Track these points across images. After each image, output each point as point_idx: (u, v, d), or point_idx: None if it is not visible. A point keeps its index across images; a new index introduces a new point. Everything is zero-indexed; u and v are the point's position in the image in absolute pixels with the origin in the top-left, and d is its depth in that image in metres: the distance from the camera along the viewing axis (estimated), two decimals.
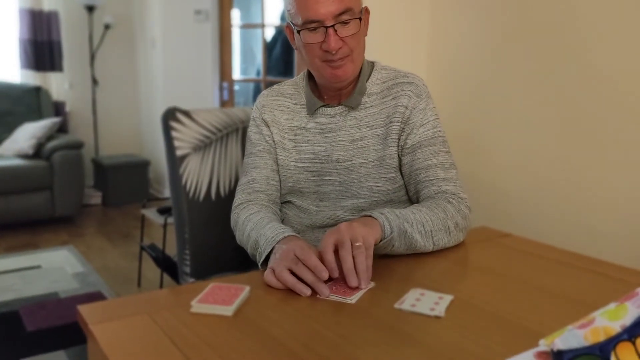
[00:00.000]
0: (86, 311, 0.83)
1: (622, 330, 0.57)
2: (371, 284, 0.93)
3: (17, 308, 2.51)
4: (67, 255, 3.29)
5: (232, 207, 1.26)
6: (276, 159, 1.29)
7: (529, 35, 2.36)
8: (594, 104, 2.14)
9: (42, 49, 4.42)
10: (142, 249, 2.78)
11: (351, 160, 1.22)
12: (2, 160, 3.76)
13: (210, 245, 1.52)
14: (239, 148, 1.57)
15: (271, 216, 1.16)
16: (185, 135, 1.48)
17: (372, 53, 1.50)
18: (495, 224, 2.26)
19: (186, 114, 1.49)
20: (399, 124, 1.20)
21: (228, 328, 0.78)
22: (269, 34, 4.58)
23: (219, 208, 1.52)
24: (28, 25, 4.34)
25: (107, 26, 4.67)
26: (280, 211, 1.31)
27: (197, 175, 1.49)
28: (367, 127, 1.22)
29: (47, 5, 4.40)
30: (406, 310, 0.84)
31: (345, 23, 1.11)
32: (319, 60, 1.15)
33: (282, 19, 4.41)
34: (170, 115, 1.47)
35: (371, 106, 1.23)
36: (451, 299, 0.87)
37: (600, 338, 0.57)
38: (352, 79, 1.20)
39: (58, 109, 4.51)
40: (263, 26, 4.14)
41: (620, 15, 2.03)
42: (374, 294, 0.90)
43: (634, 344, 0.56)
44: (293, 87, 1.32)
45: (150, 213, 2.90)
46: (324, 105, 1.25)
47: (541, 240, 1.22)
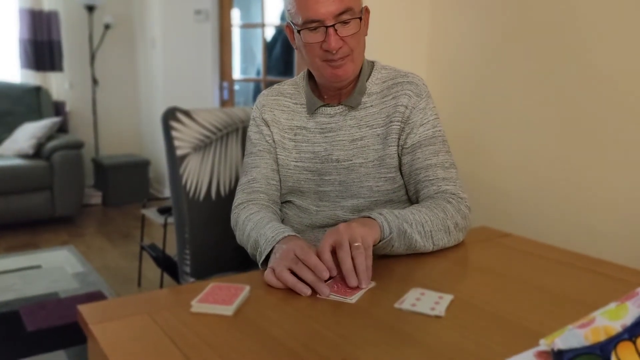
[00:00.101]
0: (86, 311, 0.83)
1: (623, 330, 0.57)
2: (371, 283, 0.93)
3: (17, 308, 2.51)
4: (67, 255, 3.29)
5: (232, 207, 1.26)
6: (276, 158, 1.28)
7: (529, 35, 2.36)
8: (594, 104, 2.14)
9: (42, 48, 4.42)
10: (142, 248, 2.78)
11: (351, 160, 1.22)
12: (2, 160, 3.76)
13: (210, 245, 1.52)
14: (239, 148, 1.57)
15: (271, 216, 1.16)
16: (185, 135, 1.48)
17: (372, 53, 1.50)
18: (495, 223, 2.26)
19: (186, 113, 1.50)
20: (399, 124, 1.20)
21: (228, 328, 0.78)
22: (269, 33, 4.58)
23: (219, 208, 1.52)
24: (28, 25, 4.34)
25: (107, 26, 4.67)
26: (281, 211, 1.31)
27: (197, 175, 1.49)
28: (367, 127, 1.22)
29: (47, 5, 4.40)
30: (406, 310, 0.84)
31: (345, 23, 1.11)
32: (319, 59, 1.15)
33: (282, 18, 4.41)
34: (170, 115, 1.47)
35: (371, 106, 1.23)
36: (451, 299, 0.87)
37: (601, 338, 0.57)
38: (352, 78, 1.20)
39: (58, 108, 4.51)
40: (263, 26, 4.14)
41: (620, 15, 2.03)
42: (374, 294, 0.90)
43: (635, 343, 0.56)
44: (293, 87, 1.32)
45: (151, 213, 2.91)
46: (324, 105, 1.25)
47: (541, 240, 1.22)
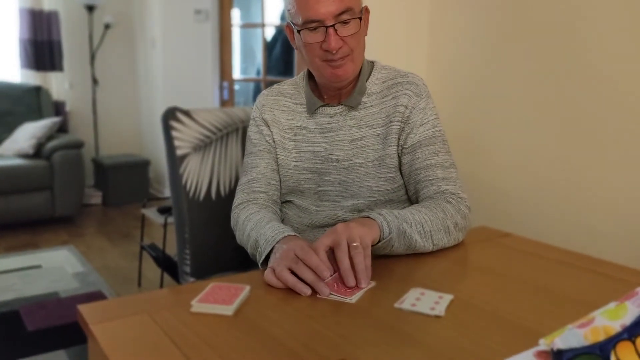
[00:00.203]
0: (86, 311, 0.83)
1: (622, 330, 0.57)
2: (371, 283, 0.93)
3: (18, 308, 2.51)
4: (68, 255, 3.29)
5: (232, 207, 1.26)
6: (276, 158, 1.29)
7: (528, 35, 2.36)
8: (594, 104, 2.14)
9: (42, 48, 4.42)
10: (143, 248, 2.78)
11: (351, 160, 1.22)
12: (2, 160, 3.76)
13: (210, 244, 1.52)
14: (239, 148, 1.57)
15: (271, 216, 1.16)
16: (185, 135, 1.48)
17: (372, 53, 1.50)
18: (495, 223, 2.26)
19: (186, 113, 1.50)
20: (399, 124, 1.20)
21: (228, 328, 0.78)
22: (269, 33, 4.58)
23: (219, 208, 1.52)
24: (28, 25, 4.34)
25: (107, 26, 4.67)
26: (280, 211, 1.31)
27: (197, 174, 1.49)
28: (367, 127, 1.22)
29: (47, 5, 4.40)
30: (406, 309, 0.84)
31: (345, 23, 1.11)
32: (319, 59, 1.15)
33: (282, 18, 4.41)
34: (170, 115, 1.47)
35: (371, 106, 1.23)
36: (451, 299, 0.87)
37: (600, 337, 0.57)
38: (352, 78, 1.20)
39: (58, 108, 4.51)
40: (263, 26, 4.14)
41: (620, 15, 2.03)
42: (374, 294, 0.90)
43: (634, 343, 0.56)
44: (293, 87, 1.32)
45: (151, 213, 2.91)
46: (324, 105, 1.25)
47: (541, 240, 1.22)
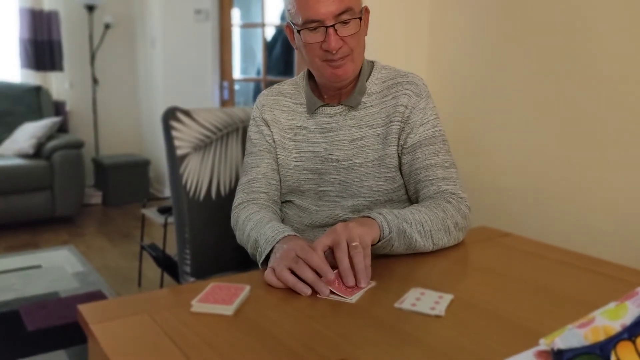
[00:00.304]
0: (86, 311, 0.83)
1: (622, 330, 0.57)
2: (372, 283, 0.93)
3: (18, 307, 2.51)
4: (68, 254, 3.29)
5: (232, 207, 1.26)
6: (276, 158, 1.29)
7: (528, 35, 2.36)
8: (594, 104, 2.14)
9: (43, 48, 4.42)
10: (143, 248, 2.78)
11: (351, 160, 1.22)
12: (3, 160, 3.76)
13: (210, 244, 1.52)
14: (239, 148, 1.57)
15: (271, 215, 1.16)
16: (185, 135, 1.48)
17: (372, 53, 1.50)
18: (495, 223, 2.26)
19: (186, 113, 1.50)
20: (399, 124, 1.20)
21: (228, 327, 0.78)
22: (269, 33, 4.58)
23: (219, 208, 1.52)
24: (28, 25, 4.34)
25: (107, 26, 4.67)
26: (280, 210, 1.31)
27: (198, 174, 1.49)
28: (367, 127, 1.22)
29: (48, 4, 4.40)
30: (406, 309, 0.84)
31: (345, 23, 1.11)
32: (319, 59, 1.15)
33: (282, 18, 4.41)
34: (170, 115, 1.47)
35: (371, 106, 1.23)
36: (451, 299, 0.87)
37: (601, 337, 0.57)
38: (352, 78, 1.20)
39: (58, 108, 4.51)
40: (263, 26, 4.14)
41: (620, 15, 2.03)
42: (374, 294, 0.90)
43: (634, 343, 0.56)
44: (293, 87, 1.32)
45: (151, 213, 2.91)
46: (324, 105, 1.25)
47: (541, 240, 1.22)
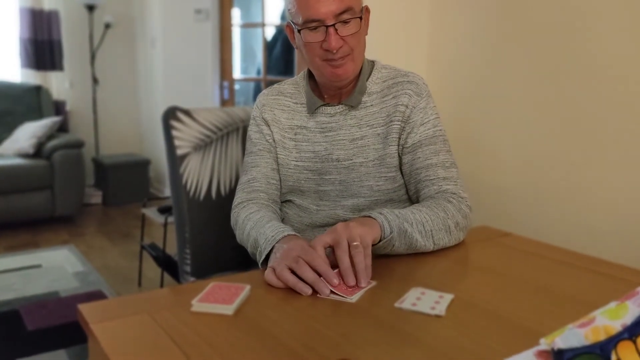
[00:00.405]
0: (87, 310, 0.83)
1: (623, 329, 0.57)
2: (372, 283, 0.93)
3: (18, 307, 2.51)
4: (68, 254, 3.29)
5: (232, 206, 1.26)
6: (276, 158, 1.29)
7: (528, 36, 2.36)
8: (594, 104, 2.14)
9: (43, 48, 4.42)
10: (143, 248, 2.78)
11: (351, 160, 1.22)
12: (3, 159, 3.76)
13: (210, 244, 1.52)
14: (239, 147, 1.57)
15: (271, 215, 1.16)
16: (185, 135, 1.48)
17: (372, 53, 1.50)
18: (495, 223, 2.26)
19: (187, 113, 1.50)
20: (400, 123, 1.20)
21: (228, 327, 0.78)
22: (270, 33, 4.58)
23: (219, 207, 1.52)
24: (28, 25, 4.34)
25: (108, 25, 4.67)
26: (280, 210, 1.31)
27: (198, 174, 1.49)
28: (368, 126, 1.22)
29: (48, 4, 4.40)
30: (407, 309, 0.84)
31: (345, 22, 1.11)
32: (320, 59, 1.15)
33: (283, 18, 4.41)
34: (170, 115, 1.47)
35: (371, 105, 1.23)
36: (451, 298, 0.87)
37: (601, 337, 0.57)
38: (353, 78, 1.20)
39: (58, 108, 4.51)
40: (263, 25, 4.14)
41: (620, 15, 2.03)
42: (375, 293, 0.90)
43: (635, 342, 0.56)
44: (293, 86, 1.32)
45: (151, 212, 2.91)
46: (324, 105, 1.25)
47: (541, 240, 1.22)
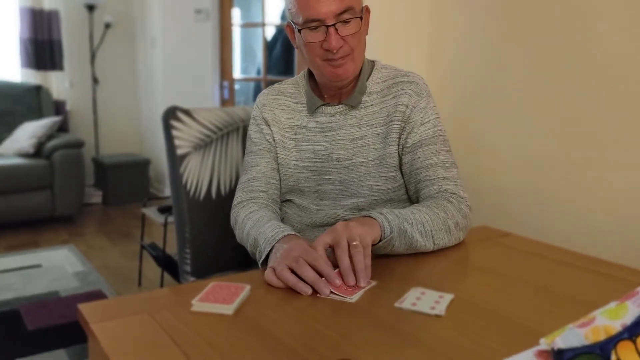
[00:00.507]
0: (87, 310, 0.83)
1: (623, 329, 0.57)
2: (372, 282, 0.93)
3: (18, 307, 2.51)
4: (68, 254, 3.29)
5: (232, 206, 1.27)
6: (276, 157, 1.29)
7: (528, 35, 2.36)
8: (594, 104, 2.14)
9: (43, 48, 4.42)
10: (143, 248, 2.78)
11: (351, 159, 1.22)
12: (3, 159, 3.75)
13: (210, 244, 1.52)
14: (239, 147, 1.57)
15: (271, 215, 1.16)
16: (185, 134, 1.48)
17: (372, 53, 1.50)
18: (495, 223, 2.26)
19: (187, 113, 1.50)
20: (400, 123, 1.20)
21: (228, 327, 0.78)
22: (270, 33, 4.58)
23: (219, 207, 1.52)
24: (28, 24, 4.34)
25: (108, 25, 4.67)
26: (280, 210, 1.31)
27: (198, 174, 1.49)
28: (368, 126, 1.22)
29: (48, 4, 4.40)
30: (406, 309, 0.84)
31: (346, 22, 1.11)
32: (320, 59, 1.15)
33: (283, 17, 4.41)
34: (170, 114, 1.47)
35: (371, 105, 1.23)
36: (451, 298, 0.87)
37: (601, 337, 0.57)
38: (353, 77, 1.20)
39: (58, 108, 4.51)
40: (263, 25, 4.14)
41: (620, 15, 2.03)
42: (375, 293, 0.90)
43: (635, 342, 0.56)
44: (293, 86, 1.32)
45: (151, 212, 2.91)
46: (325, 104, 1.25)
47: (541, 240, 1.22)
